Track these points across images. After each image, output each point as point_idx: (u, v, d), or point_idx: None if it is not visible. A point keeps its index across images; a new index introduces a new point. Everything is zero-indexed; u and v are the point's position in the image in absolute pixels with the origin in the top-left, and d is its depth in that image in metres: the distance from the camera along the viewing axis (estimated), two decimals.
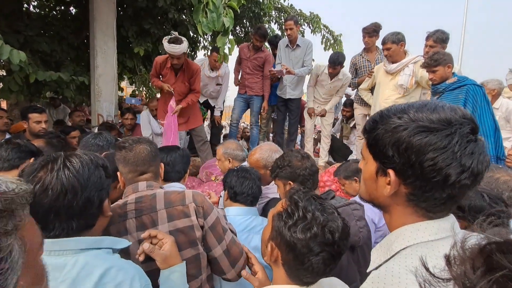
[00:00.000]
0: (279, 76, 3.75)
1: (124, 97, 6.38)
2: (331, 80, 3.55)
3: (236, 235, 1.30)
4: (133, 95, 5.02)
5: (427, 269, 0.38)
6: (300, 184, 1.50)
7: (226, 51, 2.97)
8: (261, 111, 3.94)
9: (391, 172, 0.60)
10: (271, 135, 4.98)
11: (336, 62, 3.36)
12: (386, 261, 0.62)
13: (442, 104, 0.59)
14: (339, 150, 3.89)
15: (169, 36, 3.04)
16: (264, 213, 1.81)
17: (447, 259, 0.36)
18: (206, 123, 4.77)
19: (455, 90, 2.34)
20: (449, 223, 0.60)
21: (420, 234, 0.59)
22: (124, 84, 8.35)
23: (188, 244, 1.07)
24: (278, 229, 0.82)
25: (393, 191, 0.61)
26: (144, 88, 5.29)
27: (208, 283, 1.16)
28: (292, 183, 1.49)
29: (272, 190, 1.86)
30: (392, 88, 2.98)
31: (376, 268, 0.63)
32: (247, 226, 1.49)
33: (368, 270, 0.66)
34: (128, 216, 1.06)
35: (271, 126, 4.51)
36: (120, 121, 4.20)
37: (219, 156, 2.22)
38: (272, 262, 0.86)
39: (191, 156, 1.81)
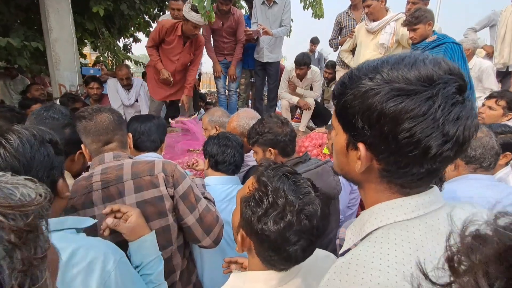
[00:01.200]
0: (255, 37, 3.53)
1: (89, 64, 5.83)
2: (301, 81, 3.56)
3: (214, 203, 1.29)
4: (97, 61, 4.56)
5: (425, 276, 0.31)
6: (280, 150, 1.46)
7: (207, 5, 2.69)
8: (230, 78, 3.77)
9: (361, 146, 0.51)
10: (250, 101, 4.84)
11: (301, 62, 3.33)
12: (356, 244, 0.55)
13: (423, 56, 0.48)
14: (320, 115, 3.86)
15: (190, 4, 2.73)
16: (244, 181, 1.77)
17: (449, 259, 0.28)
18: None
19: (434, 48, 2.32)
20: (428, 197, 0.53)
21: (394, 212, 0.52)
22: (87, 50, 7.63)
23: (156, 216, 1.06)
24: (247, 219, 0.70)
25: (363, 167, 0.52)
26: (109, 54, 4.81)
27: (180, 252, 1.15)
28: (272, 149, 1.46)
29: (252, 158, 1.81)
30: (373, 48, 2.91)
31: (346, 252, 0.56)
32: (227, 195, 1.45)
33: (340, 252, 0.60)
34: (93, 187, 1.02)
35: (250, 92, 4.35)
36: (85, 91, 3.86)
37: (205, 125, 2.13)
38: (246, 250, 0.77)
39: (167, 126, 1.70)
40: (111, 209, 0.93)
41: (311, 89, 3.69)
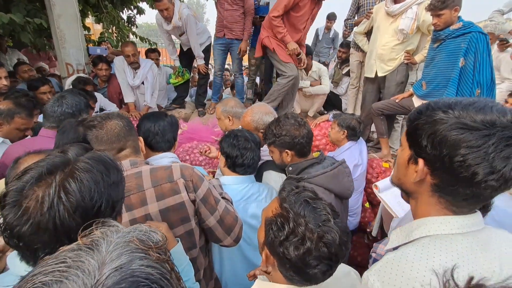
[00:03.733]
0: (259, 2, 3.24)
1: (89, 36, 5.64)
2: (306, 75, 3.43)
3: (232, 203, 1.32)
4: (101, 38, 4.41)
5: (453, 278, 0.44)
6: (297, 151, 1.47)
7: None
8: (238, 54, 3.49)
9: (421, 161, 0.63)
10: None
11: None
12: (404, 244, 0.66)
13: (492, 104, 0.57)
14: (329, 100, 3.79)
15: None
16: (258, 175, 1.80)
17: None
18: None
19: (458, 37, 2.18)
20: (473, 219, 0.63)
21: (442, 226, 0.63)
22: (89, 20, 7.34)
23: (180, 222, 1.08)
24: (270, 241, 0.76)
25: (418, 178, 0.64)
26: (114, 29, 4.63)
27: (202, 252, 1.20)
28: (289, 151, 1.46)
29: (266, 152, 1.81)
30: (392, 34, 2.72)
31: (394, 249, 0.67)
32: (244, 195, 1.48)
33: (386, 248, 0.74)
34: None
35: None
36: (92, 70, 3.79)
37: (219, 115, 2.10)
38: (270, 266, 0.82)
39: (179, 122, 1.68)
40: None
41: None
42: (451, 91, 2.23)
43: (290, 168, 1.47)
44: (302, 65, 2.98)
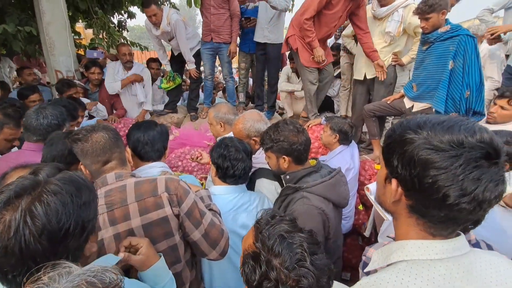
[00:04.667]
0: (247, 7, 3.26)
1: (80, 41, 5.59)
2: (298, 78, 3.44)
3: (220, 215, 1.30)
4: (92, 44, 4.38)
5: None
6: (294, 158, 1.44)
7: None
8: (228, 56, 3.48)
9: (394, 181, 0.62)
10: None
11: (292, 57, 3.30)
12: (382, 267, 0.65)
13: (461, 123, 0.56)
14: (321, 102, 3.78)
15: None
16: (250, 183, 1.79)
17: None
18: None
19: (446, 40, 2.20)
20: (454, 244, 0.60)
21: (420, 251, 0.60)
22: (80, 25, 7.28)
23: (163, 237, 1.07)
24: (246, 280, 0.74)
25: (393, 199, 0.63)
26: (104, 33, 4.59)
27: (188, 265, 1.19)
28: (286, 157, 1.44)
29: (259, 160, 1.81)
30: (379, 36, 2.75)
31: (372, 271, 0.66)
32: (234, 205, 1.48)
33: (365, 270, 0.71)
34: (99, 211, 1.00)
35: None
36: (82, 72, 3.77)
37: (211, 120, 2.09)
38: None
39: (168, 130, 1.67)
40: (124, 245, 0.94)
41: None
42: (442, 93, 2.24)
43: (288, 177, 1.44)
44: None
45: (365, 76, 2.92)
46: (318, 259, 0.71)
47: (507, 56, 3.33)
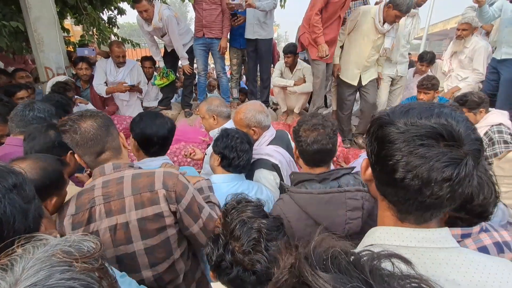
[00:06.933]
0: (238, 10, 3.31)
1: (69, 38, 5.47)
2: (291, 73, 3.56)
3: (219, 206, 1.30)
4: (82, 41, 4.30)
5: None
6: (304, 159, 1.30)
7: None
8: (219, 52, 3.52)
9: (365, 160, 0.66)
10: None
11: (286, 51, 3.42)
12: None
13: (424, 109, 0.56)
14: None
15: None
16: (249, 173, 1.81)
17: None
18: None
19: None
20: (425, 234, 0.58)
21: (387, 237, 0.61)
22: (68, 22, 7.12)
23: (156, 231, 1.06)
24: (208, 259, 0.82)
25: (364, 177, 0.68)
26: (94, 30, 4.51)
27: (183, 257, 1.18)
28: (298, 152, 1.33)
29: (258, 151, 1.83)
30: (376, 49, 2.99)
31: None
32: (234, 192, 1.50)
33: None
34: (96, 202, 1.02)
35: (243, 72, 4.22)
36: (73, 72, 3.70)
37: (203, 114, 2.08)
38: None
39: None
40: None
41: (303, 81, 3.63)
42: None
43: (292, 176, 1.35)
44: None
45: (359, 81, 3.17)
46: (275, 245, 0.74)
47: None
